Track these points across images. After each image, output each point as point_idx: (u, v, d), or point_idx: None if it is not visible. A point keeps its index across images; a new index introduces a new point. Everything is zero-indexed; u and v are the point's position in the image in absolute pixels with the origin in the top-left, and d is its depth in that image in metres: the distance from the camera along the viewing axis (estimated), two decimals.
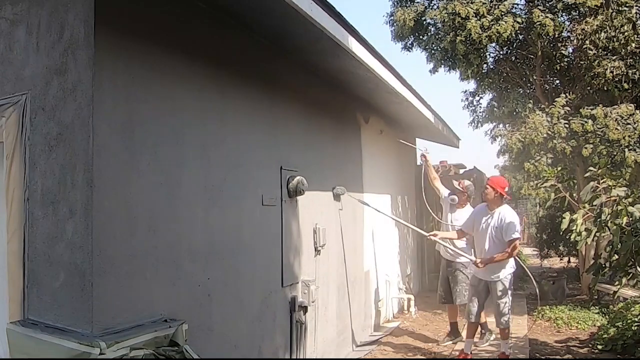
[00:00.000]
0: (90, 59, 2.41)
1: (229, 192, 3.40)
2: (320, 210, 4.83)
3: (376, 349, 5.60)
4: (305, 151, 4.58)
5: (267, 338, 3.83)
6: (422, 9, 7.56)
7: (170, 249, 2.84)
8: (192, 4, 3.15)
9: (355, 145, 6.11)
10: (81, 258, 2.37)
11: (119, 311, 2.47)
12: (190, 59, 3.12)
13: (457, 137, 9.79)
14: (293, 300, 4.18)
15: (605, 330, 5.51)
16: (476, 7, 6.62)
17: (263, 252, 3.80)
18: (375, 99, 6.12)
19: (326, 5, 3.54)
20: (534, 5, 6.87)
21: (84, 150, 2.41)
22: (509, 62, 7.94)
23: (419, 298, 7.87)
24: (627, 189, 4.30)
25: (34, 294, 2.57)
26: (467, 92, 9.04)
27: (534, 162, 6.68)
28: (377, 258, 6.51)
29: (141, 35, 2.74)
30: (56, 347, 2.27)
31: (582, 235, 4.34)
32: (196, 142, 3.11)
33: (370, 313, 6.24)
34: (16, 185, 2.67)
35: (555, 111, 6.57)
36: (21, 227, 2.63)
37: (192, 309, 2.97)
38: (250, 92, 3.75)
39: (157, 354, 2.40)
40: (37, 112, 2.63)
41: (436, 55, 7.67)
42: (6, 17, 2.85)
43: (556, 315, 6.65)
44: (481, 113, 8.95)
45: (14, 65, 2.79)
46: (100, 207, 2.40)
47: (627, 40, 6.30)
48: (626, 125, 6.26)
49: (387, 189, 7.30)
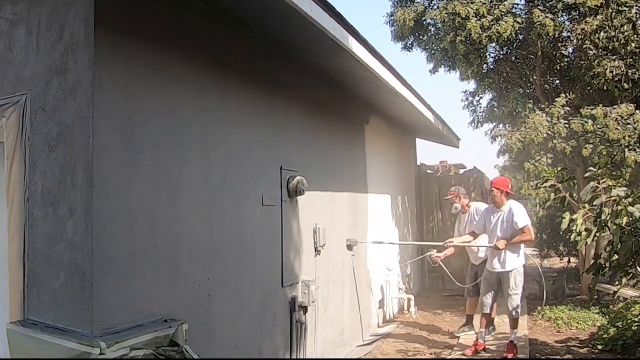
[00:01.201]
0: (90, 59, 2.41)
1: (229, 192, 3.40)
2: (320, 210, 4.83)
3: (376, 349, 5.60)
4: (305, 151, 4.58)
5: (267, 338, 3.82)
6: (422, 9, 7.56)
7: (170, 248, 2.84)
8: (192, 4, 3.15)
9: (358, 145, 6.12)
10: (81, 258, 2.37)
11: (119, 311, 2.47)
12: (190, 58, 3.12)
13: (457, 137, 9.79)
14: (293, 300, 4.18)
15: (605, 330, 5.50)
16: (476, 7, 6.62)
17: (263, 252, 3.80)
18: (376, 99, 6.12)
19: (326, 5, 3.54)
20: (534, 5, 6.86)
21: (84, 150, 2.40)
22: (509, 62, 7.93)
23: (419, 298, 7.87)
24: (627, 189, 4.29)
25: (34, 294, 2.57)
26: (467, 92, 9.03)
27: (533, 162, 6.67)
28: (377, 258, 6.50)
29: (141, 35, 2.74)
30: (56, 347, 2.27)
31: (582, 235, 4.34)
32: (196, 142, 3.11)
33: (370, 313, 6.24)
34: (16, 185, 2.67)
35: (555, 111, 6.56)
36: (21, 227, 2.63)
37: (192, 309, 2.97)
38: (250, 92, 3.75)
39: (157, 354, 2.40)
40: (37, 112, 2.62)
41: (436, 55, 7.67)
42: (6, 17, 2.85)
43: (556, 315, 6.65)
44: (481, 113, 8.93)
45: (14, 65, 2.79)
46: (100, 207, 2.40)
47: (627, 40, 6.29)
48: (626, 125, 6.25)
49: (388, 189, 7.31)
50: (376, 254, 6.48)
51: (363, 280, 6.01)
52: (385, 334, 6.14)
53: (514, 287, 5.15)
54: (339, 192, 5.37)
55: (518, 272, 5.19)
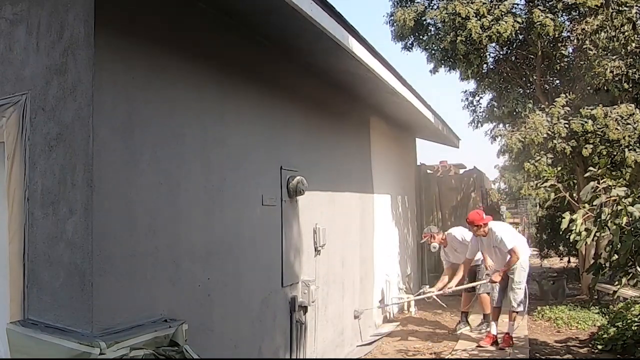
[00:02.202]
0: (90, 59, 2.41)
1: (229, 192, 3.40)
2: (320, 210, 4.83)
3: (376, 349, 5.60)
4: (305, 151, 4.58)
5: (267, 338, 3.83)
6: (422, 9, 7.55)
7: (170, 248, 2.84)
8: (192, 4, 3.15)
9: (362, 145, 6.13)
10: (81, 258, 2.37)
11: (119, 311, 2.47)
12: (190, 58, 3.12)
13: (457, 137, 9.79)
14: (293, 300, 4.18)
15: (605, 330, 5.50)
16: (476, 7, 6.61)
17: (263, 252, 3.80)
18: (376, 99, 6.12)
19: (326, 5, 3.54)
20: (534, 5, 6.86)
21: (84, 150, 2.41)
22: (509, 62, 7.93)
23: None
24: (627, 189, 4.30)
25: (34, 294, 2.57)
26: (467, 92, 9.03)
27: (534, 162, 6.67)
28: (377, 258, 6.50)
29: (141, 35, 2.74)
30: (56, 347, 2.27)
31: (582, 235, 4.34)
32: (196, 142, 3.11)
33: (370, 313, 6.24)
34: (17, 185, 2.68)
35: (555, 111, 6.56)
36: (21, 227, 2.64)
37: (192, 309, 2.97)
38: (250, 92, 3.75)
39: (157, 354, 2.40)
40: (37, 112, 2.63)
41: (436, 55, 7.66)
42: (6, 17, 2.85)
43: (556, 315, 6.65)
44: (481, 113, 8.93)
45: (14, 65, 2.79)
46: (100, 207, 2.40)
47: (627, 40, 6.29)
48: (626, 125, 6.25)
49: (390, 189, 7.31)
50: (377, 254, 6.49)
51: (363, 280, 6.01)
52: (385, 333, 6.14)
53: (517, 281, 5.41)
54: (340, 192, 5.37)
55: (522, 268, 5.43)
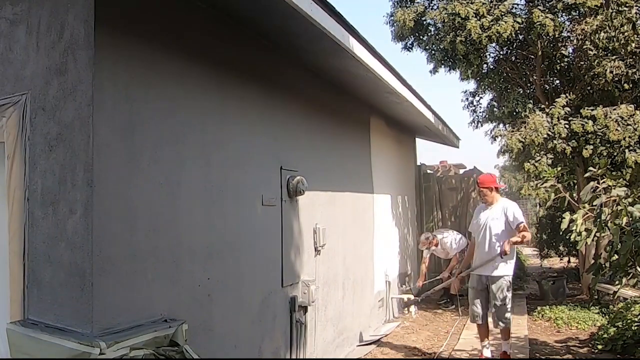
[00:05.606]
0: (90, 59, 2.41)
1: (229, 192, 3.40)
2: (320, 210, 4.83)
3: (376, 349, 5.60)
4: (305, 151, 4.58)
5: (267, 338, 3.83)
6: (422, 9, 7.55)
7: (170, 248, 2.84)
8: (192, 4, 3.15)
9: (362, 144, 6.12)
10: (81, 258, 2.38)
11: (119, 311, 2.47)
12: (190, 58, 3.12)
13: (457, 137, 9.79)
14: (293, 300, 4.18)
15: (605, 330, 5.50)
16: (476, 7, 6.61)
17: (263, 252, 3.80)
18: (376, 99, 6.12)
19: (326, 5, 3.54)
20: (534, 5, 6.86)
21: (84, 150, 2.41)
22: (509, 62, 7.93)
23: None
24: (627, 189, 4.30)
25: (34, 294, 2.57)
26: (467, 92, 9.03)
27: (534, 163, 6.67)
28: (377, 258, 6.50)
29: (141, 35, 2.74)
30: (56, 347, 2.27)
31: (582, 235, 4.34)
32: (196, 142, 3.11)
33: (370, 313, 6.24)
34: (17, 185, 2.68)
35: (556, 111, 6.56)
36: (22, 227, 2.64)
37: (192, 309, 2.97)
38: (250, 92, 3.75)
39: (157, 354, 2.40)
40: (37, 112, 2.63)
41: (436, 55, 7.66)
42: (6, 17, 2.85)
43: (556, 315, 6.65)
44: (481, 113, 8.94)
45: (14, 65, 2.79)
46: (100, 207, 2.40)
47: (627, 40, 6.28)
48: (626, 126, 6.24)
49: (390, 189, 7.31)
50: (377, 254, 6.49)
51: (363, 280, 6.01)
52: (385, 334, 6.14)
53: (500, 297, 4.72)
54: (340, 192, 5.37)
55: (506, 281, 4.77)
